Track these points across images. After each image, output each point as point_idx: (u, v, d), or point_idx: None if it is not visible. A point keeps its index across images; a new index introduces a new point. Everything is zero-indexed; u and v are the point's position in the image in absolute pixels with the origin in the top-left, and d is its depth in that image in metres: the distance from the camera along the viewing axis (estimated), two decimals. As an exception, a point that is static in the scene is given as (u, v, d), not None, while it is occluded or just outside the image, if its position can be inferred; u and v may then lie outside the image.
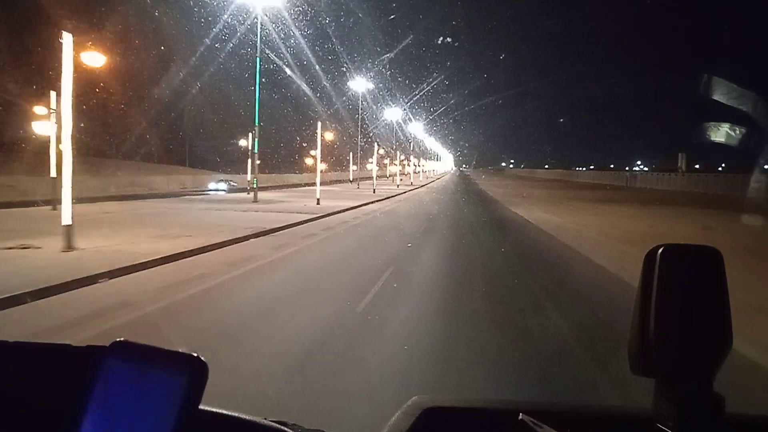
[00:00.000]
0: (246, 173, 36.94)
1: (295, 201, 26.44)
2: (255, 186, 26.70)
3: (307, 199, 26.80)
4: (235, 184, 38.76)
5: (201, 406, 0.71)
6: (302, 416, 1.18)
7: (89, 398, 0.71)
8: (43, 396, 0.78)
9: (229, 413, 0.88)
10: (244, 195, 30.00)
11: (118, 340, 0.75)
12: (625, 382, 3.24)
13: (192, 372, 0.69)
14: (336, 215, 21.00)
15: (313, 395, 4.08)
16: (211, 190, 37.10)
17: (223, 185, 38.40)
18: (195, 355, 0.71)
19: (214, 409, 0.85)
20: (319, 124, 28.51)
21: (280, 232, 15.19)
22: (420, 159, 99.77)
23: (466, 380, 4.55)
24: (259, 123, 26.56)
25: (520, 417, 1.03)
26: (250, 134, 32.07)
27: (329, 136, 56.60)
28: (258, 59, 25.52)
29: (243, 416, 0.89)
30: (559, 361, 5.14)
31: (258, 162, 27.82)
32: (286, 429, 0.94)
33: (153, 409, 0.68)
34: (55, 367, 0.81)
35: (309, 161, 62.42)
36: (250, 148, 32.80)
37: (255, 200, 25.59)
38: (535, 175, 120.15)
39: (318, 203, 24.64)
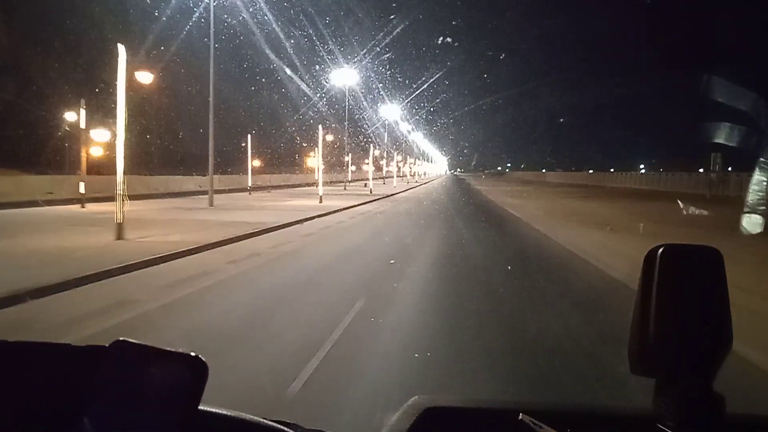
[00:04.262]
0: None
1: None
2: None
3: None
4: None
5: (201, 406, 0.72)
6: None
7: (89, 398, 0.72)
8: (43, 396, 0.77)
9: (229, 413, 0.88)
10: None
11: (118, 340, 0.76)
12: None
13: (192, 372, 0.70)
14: None
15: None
16: None
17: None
18: (195, 355, 0.72)
19: (214, 409, 0.86)
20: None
21: None
22: (398, 156, 74.60)
23: None
24: None
25: (520, 417, 1.04)
26: None
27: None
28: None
29: (243, 416, 0.89)
30: None
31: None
32: (286, 429, 0.94)
33: (153, 409, 0.69)
34: (54, 367, 0.79)
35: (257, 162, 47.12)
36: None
37: None
38: (543, 178, 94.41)
39: None
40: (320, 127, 30.36)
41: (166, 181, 35.34)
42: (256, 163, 44.65)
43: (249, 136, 35.32)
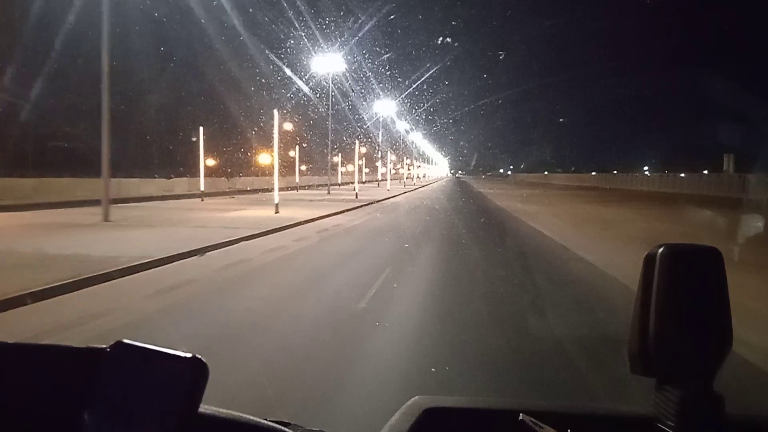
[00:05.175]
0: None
1: None
2: None
3: None
4: None
5: (201, 406, 0.72)
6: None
7: (89, 399, 0.72)
8: (43, 397, 0.76)
9: (229, 413, 0.87)
10: None
11: (118, 341, 0.75)
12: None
13: (192, 372, 0.70)
14: None
15: None
16: None
17: None
18: (195, 355, 0.71)
19: (214, 409, 0.84)
20: None
21: None
22: (392, 156, 68.92)
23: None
24: None
25: (520, 417, 1.03)
26: None
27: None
28: None
29: (243, 416, 0.87)
30: None
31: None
32: (286, 429, 0.93)
33: (153, 410, 0.68)
34: (54, 368, 0.78)
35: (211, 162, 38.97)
36: None
37: None
38: (548, 180, 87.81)
39: None
40: (275, 112, 21.63)
41: (119, 184, 29.07)
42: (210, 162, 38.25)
43: (201, 128, 27.83)
